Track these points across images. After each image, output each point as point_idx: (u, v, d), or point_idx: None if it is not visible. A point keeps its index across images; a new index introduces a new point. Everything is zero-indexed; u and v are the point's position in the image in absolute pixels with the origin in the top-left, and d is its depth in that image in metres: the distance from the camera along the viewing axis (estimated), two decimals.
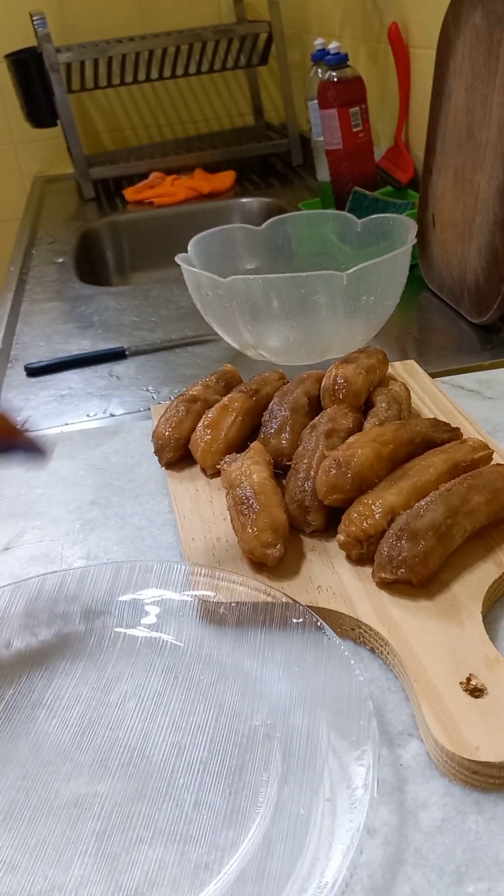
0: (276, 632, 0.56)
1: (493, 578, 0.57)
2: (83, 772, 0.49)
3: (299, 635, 0.55)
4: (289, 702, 0.51)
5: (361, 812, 0.42)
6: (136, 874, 0.43)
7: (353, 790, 0.44)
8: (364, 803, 0.43)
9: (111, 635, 0.58)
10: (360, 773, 0.44)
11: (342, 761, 0.46)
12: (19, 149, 2.21)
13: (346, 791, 0.44)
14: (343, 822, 0.43)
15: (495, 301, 0.96)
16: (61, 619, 0.59)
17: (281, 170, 1.97)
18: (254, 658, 0.54)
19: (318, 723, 0.49)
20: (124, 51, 1.83)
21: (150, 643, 0.57)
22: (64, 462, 0.83)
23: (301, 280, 0.87)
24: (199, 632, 0.58)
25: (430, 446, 0.68)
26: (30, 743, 0.51)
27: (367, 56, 1.56)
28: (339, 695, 0.49)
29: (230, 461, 0.69)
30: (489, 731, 0.46)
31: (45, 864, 0.44)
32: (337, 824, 0.43)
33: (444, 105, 1.05)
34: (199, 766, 0.48)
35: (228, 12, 2.11)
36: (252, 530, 0.60)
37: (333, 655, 0.52)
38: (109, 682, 0.55)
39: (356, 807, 0.43)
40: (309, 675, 0.52)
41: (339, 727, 0.48)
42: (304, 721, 0.49)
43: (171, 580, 0.61)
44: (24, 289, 1.39)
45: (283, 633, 0.55)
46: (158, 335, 1.13)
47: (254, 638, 0.56)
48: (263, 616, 0.57)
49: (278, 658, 0.54)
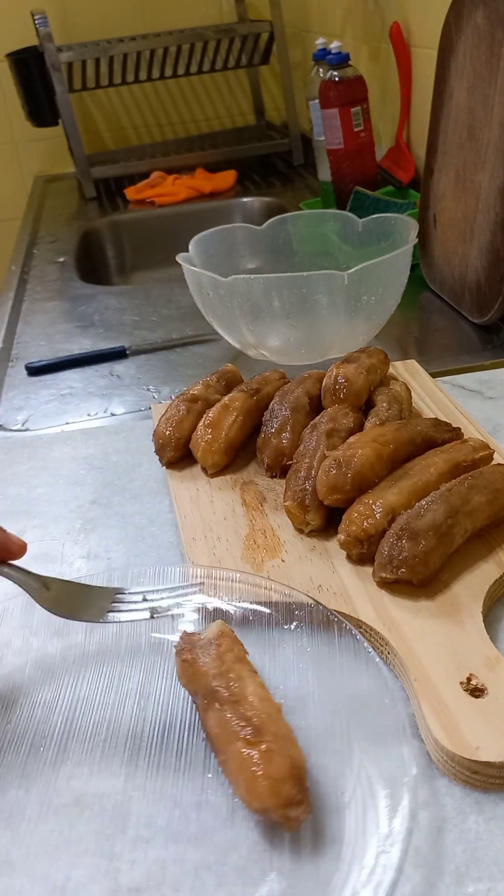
0: (281, 630, 0.56)
1: (494, 578, 0.57)
2: (84, 771, 0.49)
3: (309, 633, 0.55)
4: (296, 699, 0.51)
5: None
6: (136, 874, 0.43)
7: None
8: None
9: (113, 636, 0.58)
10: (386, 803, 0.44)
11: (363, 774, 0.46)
12: (20, 148, 2.21)
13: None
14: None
15: (496, 301, 0.96)
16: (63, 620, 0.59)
17: (282, 169, 1.97)
18: (262, 656, 0.54)
19: (332, 722, 0.49)
20: (125, 50, 1.83)
21: (152, 644, 0.57)
22: (64, 461, 0.83)
23: (302, 280, 0.87)
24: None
25: (431, 446, 0.68)
26: (30, 742, 0.51)
27: (369, 56, 1.56)
28: (361, 699, 0.49)
29: (192, 646, 0.51)
30: (489, 731, 0.46)
31: (46, 864, 0.44)
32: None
33: (445, 105, 1.05)
34: (200, 766, 0.48)
35: (230, 12, 2.11)
36: (263, 780, 0.43)
37: (346, 650, 0.52)
38: (111, 683, 0.54)
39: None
40: (321, 671, 0.52)
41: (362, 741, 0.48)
42: (312, 719, 0.49)
43: (172, 581, 0.61)
44: (25, 288, 1.39)
45: (289, 632, 0.55)
46: (159, 334, 1.13)
47: (258, 637, 0.56)
48: (267, 615, 0.57)
49: (285, 655, 0.54)
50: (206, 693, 0.48)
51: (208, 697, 0.47)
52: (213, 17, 2.09)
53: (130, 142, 2.22)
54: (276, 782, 0.42)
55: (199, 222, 1.20)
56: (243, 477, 0.73)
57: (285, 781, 0.42)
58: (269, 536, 0.65)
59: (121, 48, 1.82)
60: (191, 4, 2.09)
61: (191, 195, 1.81)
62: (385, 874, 0.40)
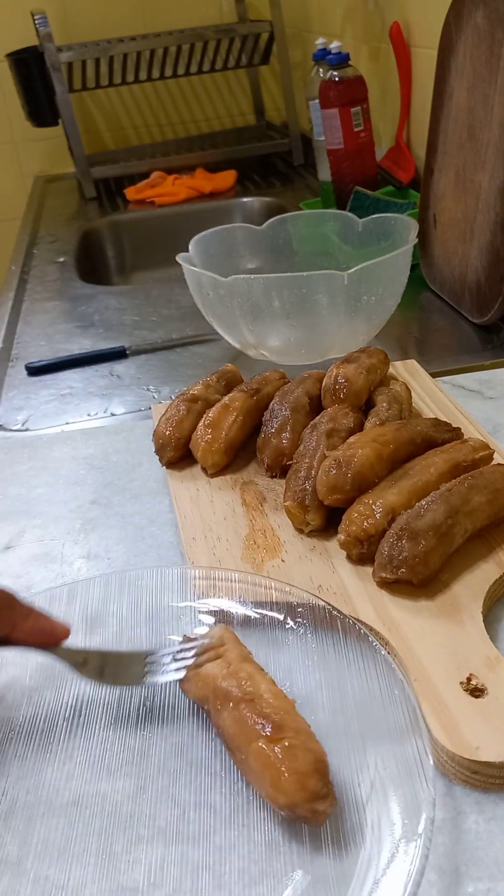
0: (284, 629, 0.56)
1: (494, 578, 0.57)
2: (84, 771, 0.49)
3: (312, 631, 0.55)
4: (303, 697, 0.51)
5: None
6: (136, 874, 0.43)
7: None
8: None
9: (114, 637, 0.58)
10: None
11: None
12: (20, 148, 2.21)
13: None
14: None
15: (496, 301, 0.96)
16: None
17: (282, 169, 1.97)
18: (267, 656, 0.54)
19: (343, 718, 0.49)
20: (125, 50, 1.83)
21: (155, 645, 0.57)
22: (64, 461, 0.83)
23: (302, 280, 0.87)
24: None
25: (431, 446, 0.68)
26: (30, 742, 0.51)
27: (369, 55, 1.56)
28: (370, 693, 0.49)
29: (201, 657, 0.51)
30: (489, 731, 0.46)
31: (46, 864, 0.44)
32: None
33: (445, 105, 1.05)
34: (201, 766, 0.48)
35: (230, 11, 2.11)
36: (288, 776, 0.43)
37: (351, 645, 0.52)
38: None
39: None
40: (327, 667, 0.52)
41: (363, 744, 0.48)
42: (322, 716, 0.49)
43: (169, 583, 0.61)
44: (25, 288, 1.39)
45: (292, 630, 0.55)
46: (159, 334, 1.13)
47: (261, 637, 0.56)
48: (270, 614, 0.57)
49: (290, 654, 0.54)
50: (218, 695, 0.47)
51: (221, 699, 0.47)
52: (213, 17, 2.09)
53: (130, 142, 2.22)
54: (301, 776, 0.42)
55: (199, 222, 1.20)
56: (243, 477, 0.73)
57: (311, 776, 0.42)
58: (269, 536, 0.65)
59: (121, 48, 1.82)
60: (191, 4, 2.09)
61: (191, 195, 1.81)
62: (409, 867, 0.40)
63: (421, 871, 0.39)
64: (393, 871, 0.40)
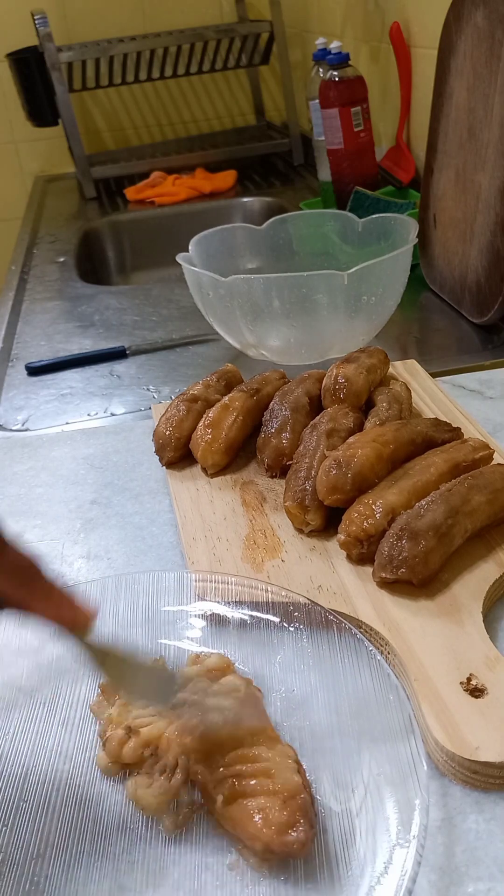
0: (280, 632, 0.56)
1: (494, 578, 0.57)
2: (84, 770, 0.49)
3: (308, 634, 0.55)
4: (298, 700, 0.51)
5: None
6: (136, 874, 0.43)
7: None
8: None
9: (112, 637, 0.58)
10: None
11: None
12: (20, 148, 2.21)
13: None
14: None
15: (496, 301, 0.96)
16: None
17: (282, 169, 1.97)
18: (262, 659, 0.54)
19: (337, 722, 0.49)
20: (125, 50, 1.83)
21: (155, 646, 0.57)
22: (64, 461, 0.83)
23: (302, 280, 0.87)
24: (203, 635, 0.58)
25: (431, 446, 0.68)
26: (30, 742, 0.51)
27: (369, 56, 1.56)
28: (364, 697, 0.49)
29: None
30: (489, 731, 0.46)
31: (46, 864, 0.44)
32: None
33: (445, 105, 1.05)
34: None
35: (230, 12, 2.11)
36: (261, 815, 0.41)
37: (347, 649, 0.52)
38: None
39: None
40: (323, 671, 0.52)
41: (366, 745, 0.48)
42: (316, 719, 0.49)
43: (168, 586, 0.61)
44: (25, 288, 1.39)
45: (288, 633, 0.55)
46: (159, 334, 1.13)
47: (257, 640, 0.56)
48: (265, 617, 0.57)
49: (285, 657, 0.54)
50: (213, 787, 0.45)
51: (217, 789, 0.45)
52: (213, 17, 2.09)
53: (130, 142, 2.22)
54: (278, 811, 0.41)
55: (199, 222, 1.20)
56: (243, 477, 0.73)
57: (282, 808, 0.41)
58: (269, 536, 0.65)
59: (121, 48, 1.82)
60: (191, 4, 2.09)
61: (191, 195, 1.81)
62: (402, 871, 0.40)
63: (413, 878, 0.39)
64: (387, 879, 0.40)
